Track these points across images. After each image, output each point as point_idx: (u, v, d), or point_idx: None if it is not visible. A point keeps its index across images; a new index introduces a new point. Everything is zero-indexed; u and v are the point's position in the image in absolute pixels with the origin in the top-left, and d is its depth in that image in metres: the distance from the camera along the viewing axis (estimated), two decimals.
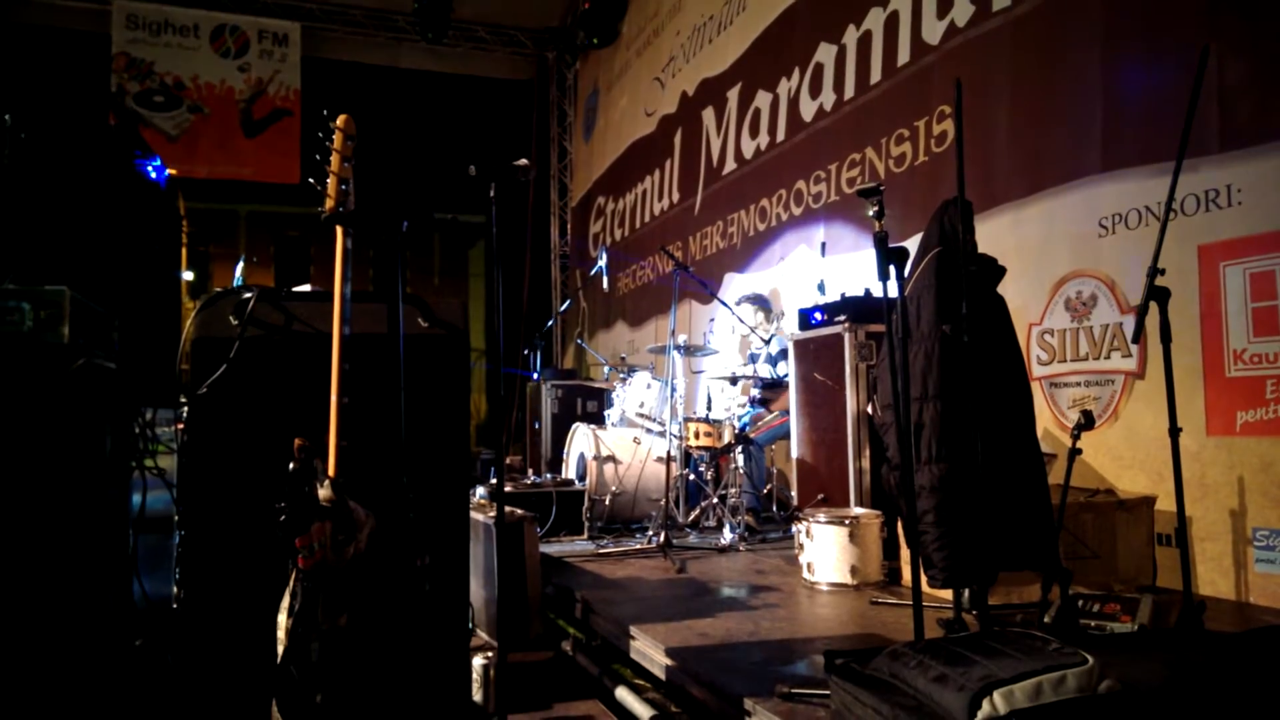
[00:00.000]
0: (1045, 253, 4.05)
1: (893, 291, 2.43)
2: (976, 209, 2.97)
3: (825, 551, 3.60)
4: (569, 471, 5.63)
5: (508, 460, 7.03)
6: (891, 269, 2.40)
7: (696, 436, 4.67)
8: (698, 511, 4.99)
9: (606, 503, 5.01)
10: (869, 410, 4.02)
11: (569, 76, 11.45)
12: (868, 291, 4.40)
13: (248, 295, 2.27)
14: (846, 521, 3.58)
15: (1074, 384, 3.89)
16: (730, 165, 7.02)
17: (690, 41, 7.86)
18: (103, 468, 2.30)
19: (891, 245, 2.41)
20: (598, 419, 6.23)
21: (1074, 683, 1.74)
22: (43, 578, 2.14)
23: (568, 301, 6.70)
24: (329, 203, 2.15)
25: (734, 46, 7.01)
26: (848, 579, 3.55)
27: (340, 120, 2.20)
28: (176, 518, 3.44)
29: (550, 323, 8.10)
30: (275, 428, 2.09)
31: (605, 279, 6.46)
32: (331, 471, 2.02)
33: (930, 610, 2.75)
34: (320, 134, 2.17)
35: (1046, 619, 2.65)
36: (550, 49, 11.24)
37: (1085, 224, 3.85)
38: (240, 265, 4.08)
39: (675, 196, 8.06)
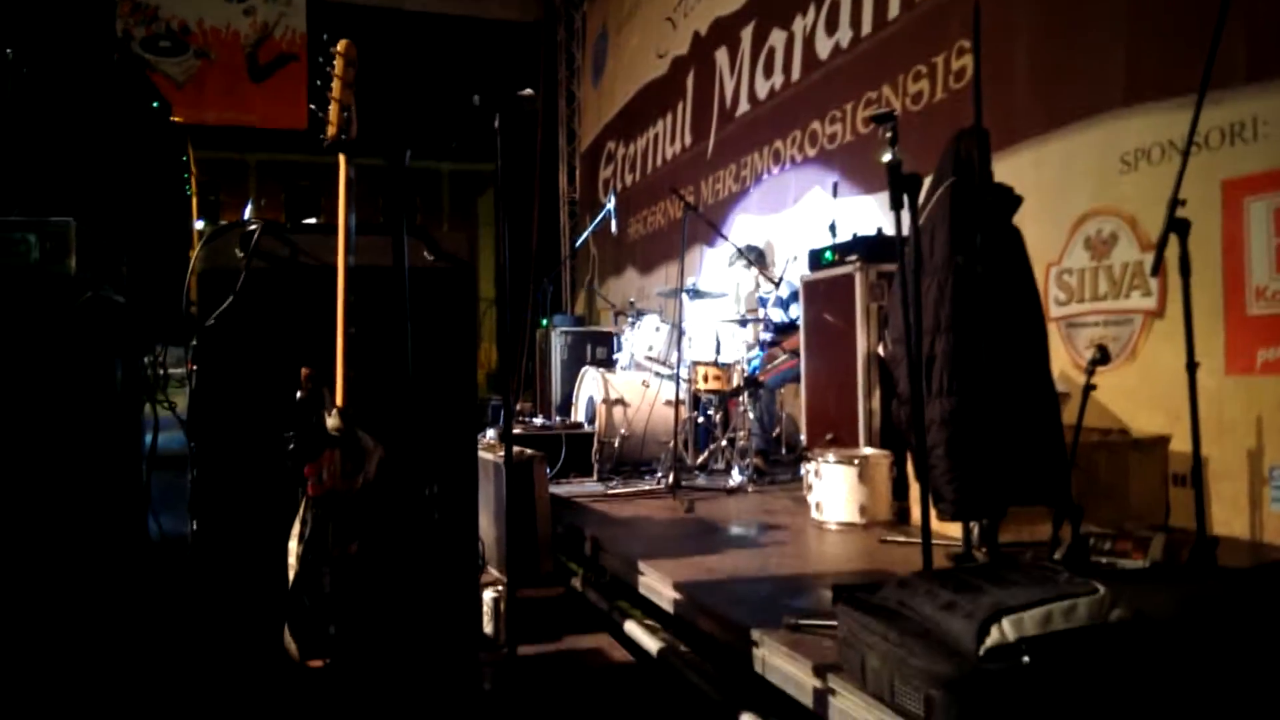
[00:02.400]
0: (1065, 190, 3.97)
1: (905, 222, 2.38)
2: (995, 147, 2.89)
3: (834, 491, 3.60)
4: (578, 415, 5.64)
5: (518, 406, 7.05)
6: (905, 199, 2.35)
7: (705, 380, 4.66)
8: (706, 454, 5.00)
9: (615, 445, 5.02)
10: (879, 350, 3.99)
11: (576, 18, 11.21)
12: (879, 231, 4.33)
13: (253, 227, 2.24)
14: (855, 461, 3.57)
15: (1092, 324, 3.84)
16: (744, 106, 6.89)
17: None
18: (113, 403, 2.30)
19: (904, 173, 2.36)
20: (607, 364, 6.22)
21: (1085, 611, 1.73)
22: (55, 515, 2.15)
23: (577, 243, 6.66)
24: (331, 130, 2.11)
25: None
26: (856, 518, 3.55)
27: (341, 45, 2.14)
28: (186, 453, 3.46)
29: (559, 268, 8.04)
30: (283, 360, 2.08)
31: (614, 224, 6.40)
32: (339, 401, 2.01)
33: (939, 547, 2.74)
34: (321, 59, 2.12)
35: (1057, 556, 2.64)
36: None
37: (1106, 160, 3.76)
38: (249, 208, 4.02)
39: (688, 140, 7.94)
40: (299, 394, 1.97)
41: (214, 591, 2.20)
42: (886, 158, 2.33)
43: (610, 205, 6.21)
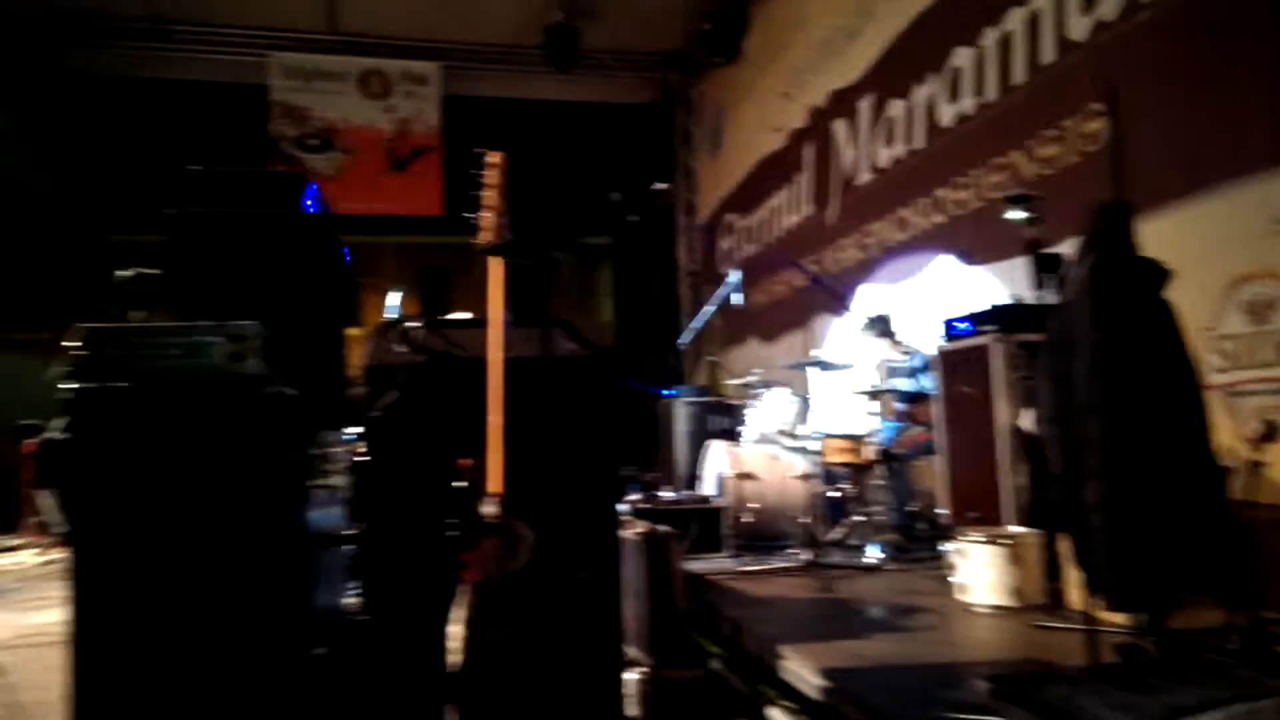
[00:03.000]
0: (1213, 255, 3.78)
1: (1048, 300, 2.34)
2: (1135, 210, 2.81)
3: (982, 572, 3.46)
4: (705, 489, 5.64)
5: (645, 478, 7.11)
6: (1047, 277, 2.31)
7: (836, 453, 4.60)
8: (841, 530, 4.90)
9: (746, 520, 4.98)
10: (1023, 424, 3.85)
11: (693, 97, 11.55)
12: (1017, 300, 4.23)
13: (413, 324, 2.41)
14: (1004, 541, 3.44)
15: (1257, 392, 3.60)
16: (865, 175, 6.90)
17: (817, 54, 7.79)
18: (290, 488, 2.49)
19: (1044, 251, 2.32)
20: (731, 435, 6.22)
21: (1271, 714, 1.62)
22: (240, 590, 2.32)
23: (701, 318, 6.74)
24: (485, 235, 2.26)
25: (864, 56, 6.91)
26: (1007, 601, 3.40)
27: (493, 156, 2.31)
28: (351, 532, 3.66)
29: (682, 340, 8.14)
30: (441, 447, 2.21)
31: (738, 296, 6.46)
32: (494, 489, 2.11)
33: (1102, 634, 2.60)
34: (473, 170, 2.29)
35: (1233, 645, 2.46)
36: (673, 71, 11.37)
37: (1257, 223, 3.57)
38: (396, 296, 4.30)
39: (808, 209, 7.99)
40: (457, 483, 2.09)
41: (376, 666, 2.32)
42: (1027, 235, 2.31)
43: (735, 278, 6.28)
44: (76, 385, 2.16)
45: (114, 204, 13.16)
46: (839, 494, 4.95)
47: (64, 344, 2.28)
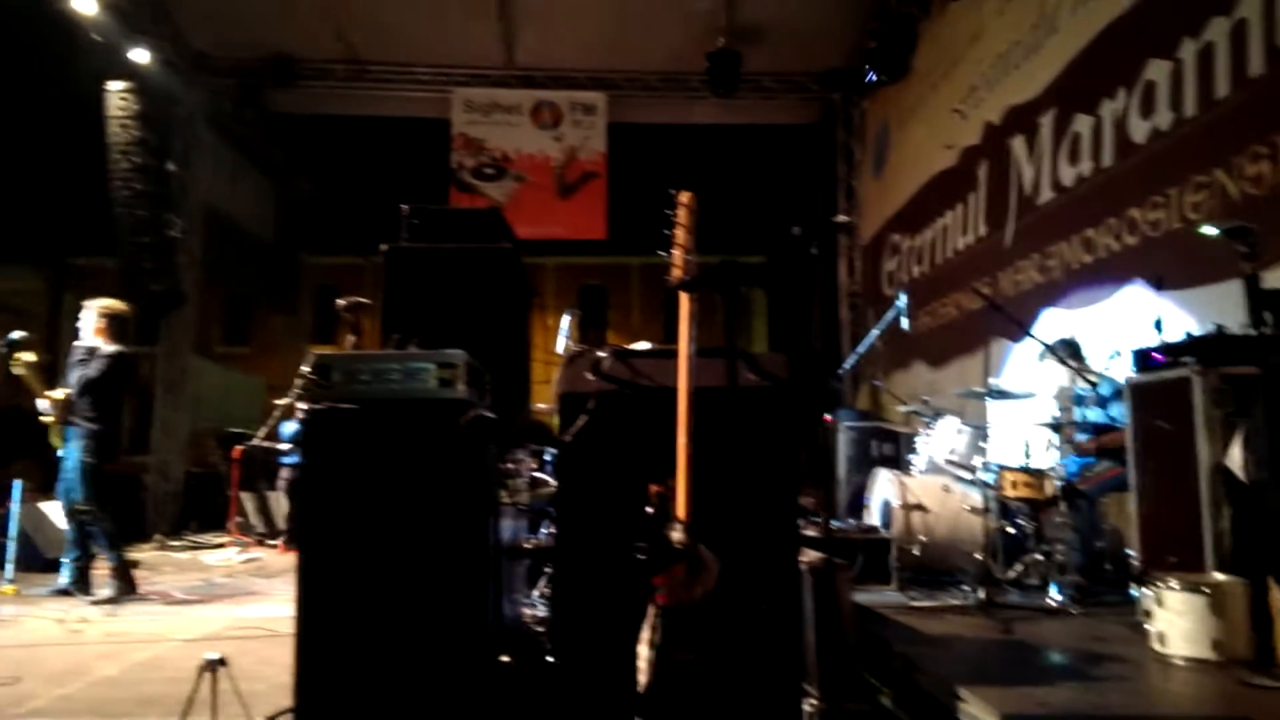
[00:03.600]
0: None
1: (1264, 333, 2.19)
2: None
3: (1180, 621, 3.23)
4: (871, 518, 5.54)
5: (805, 503, 7.05)
6: (1267, 316, 2.17)
7: (1014, 487, 4.41)
8: (1018, 568, 4.69)
9: (915, 553, 4.85)
10: (1230, 464, 3.57)
11: (855, 116, 11.39)
12: (1219, 329, 3.92)
13: (602, 355, 2.55)
14: (1206, 589, 3.20)
15: None
16: (1047, 194, 6.60)
17: (993, 70, 7.53)
18: (485, 503, 2.67)
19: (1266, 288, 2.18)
20: (894, 462, 6.06)
21: None
22: (439, 595, 2.51)
23: (865, 340, 6.62)
24: (676, 272, 2.35)
25: (1045, 71, 6.62)
26: (1209, 654, 3.16)
27: (684, 197, 2.41)
28: (538, 546, 3.86)
29: (846, 364, 8.02)
30: (627, 471, 2.32)
31: (905, 320, 6.32)
32: (681, 516, 2.19)
33: None
34: (667, 210, 2.39)
35: None
36: (835, 90, 11.26)
37: None
38: (568, 319, 4.52)
39: (981, 230, 7.71)
40: (648, 508, 2.18)
41: (565, 678, 2.44)
42: (1245, 268, 2.17)
43: (902, 301, 6.15)
44: (311, 406, 2.41)
45: (312, 229, 14.42)
46: (1017, 530, 4.74)
47: (301, 369, 2.55)
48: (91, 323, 5.62)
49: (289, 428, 8.67)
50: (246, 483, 8.96)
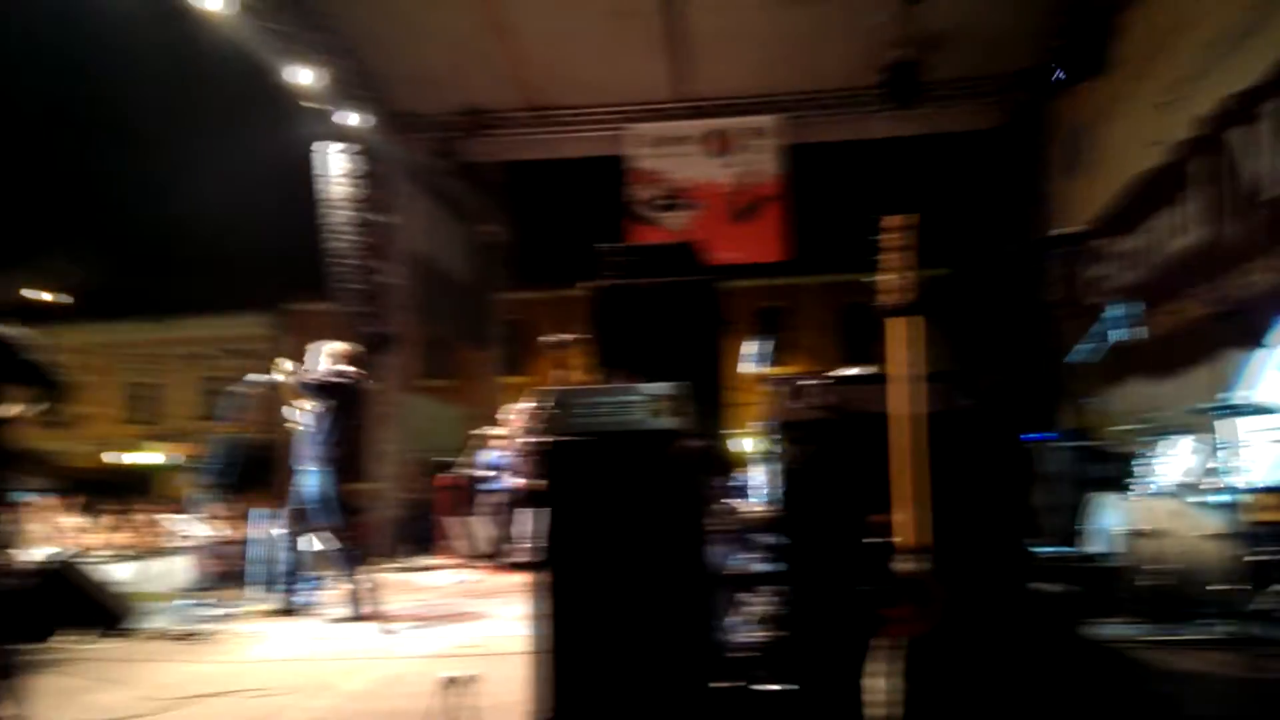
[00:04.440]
0: None
1: None
2: None
3: None
4: (1091, 544, 5.17)
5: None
6: None
7: (1267, 510, 4.00)
8: (1271, 599, 4.23)
9: (1145, 582, 4.49)
10: None
11: (1044, 117, 10.79)
12: None
13: (810, 382, 2.56)
14: None
15: None
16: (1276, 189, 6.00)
17: (1204, 58, 6.94)
18: (702, 531, 2.74)
19: None
20: (1115, 485, 5.62)
21: None
22: (661, 616, 2.59)
23: (1074, 354, 6.21)
24: (887, 297, 2.34)
25: (1267, 54, 6.04)
26: None
27: (892, 219, 2.40)
28: (739, 572, 3.89)
29: (1052, 379, 7.54)
30: (845, 498, 2.31)
31: (1121, 331, 5.88)
32: (905, 544, 2.16)
33: None
34: (873, 236, 2.39)
35: None
36: (1020, 92, 10.72)
37: None
38: (754, 343, 4.55)
39: (1199, 231, 7.09)
40: (871, 539, 2.17)
41: (788, 707, 2.45)
42: None
43: (1116, 311, 5.74)
44: (551, 438, 2.57)
45: (500, 268, 15.25)
46: (1268, 558, 4.28)
47: (536, 402, 2.72)
48: (322, 362, 6.20)
49: (487, 456, 9.17)
50: (452, 508, 9.54)
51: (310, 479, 5.96)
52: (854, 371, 2.74)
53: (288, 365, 6.09)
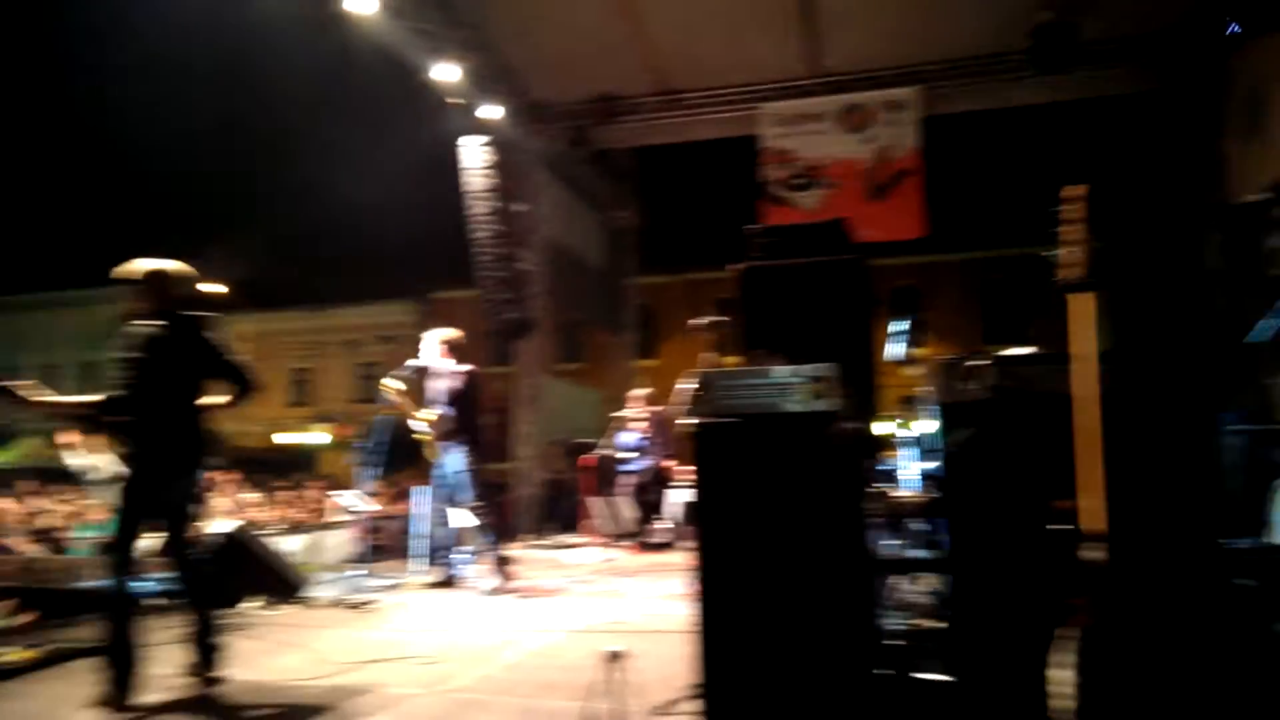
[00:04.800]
0: None
1: None
2: None
3: None
4: (1275, 536, 4.77)
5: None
6: None
7: None
8: None
9: None
10: None
11: (1215, 76, 9.93)
12: None
13: (979, 363, 2.47)
14: None
15: None
16: None
17: None
18: (861, 516, 2.69)
19: None
20: None
21: None
22: (819, 607, 2.57)
23: (1260, 332, 5.71)
24: (1067, 271, 2.22)
25: None
26: None
27: (1072, 189, 2.27)
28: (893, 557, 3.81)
29: (1238, 356, 6.99)
30: (1018, 483, 2.22)
31: None
32: (1095, 528, 2.05)
33: None
34: (1052, 208, 2.27)
35: None
36: (1186, 50, 9.90)
37: None
38: (902, 323, 4.42)
39: None
40: (1053, 525, 2.08)
41: (968, 695, 2.39)
42: None
43: None
44: (699, 420, 2.59)
45: (632, 253, 15.42)
46: None
47: (682, 384, 2.75)
48: (435, 349, 6.52)
49: (626, 438, 9.31)
50: (595, 488, 9.75)
51: (450, 459, 6.27)
52: (1024, 351, 2.62)
53: (401, 381, 6.48)
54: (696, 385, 2.65)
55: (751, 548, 2.52)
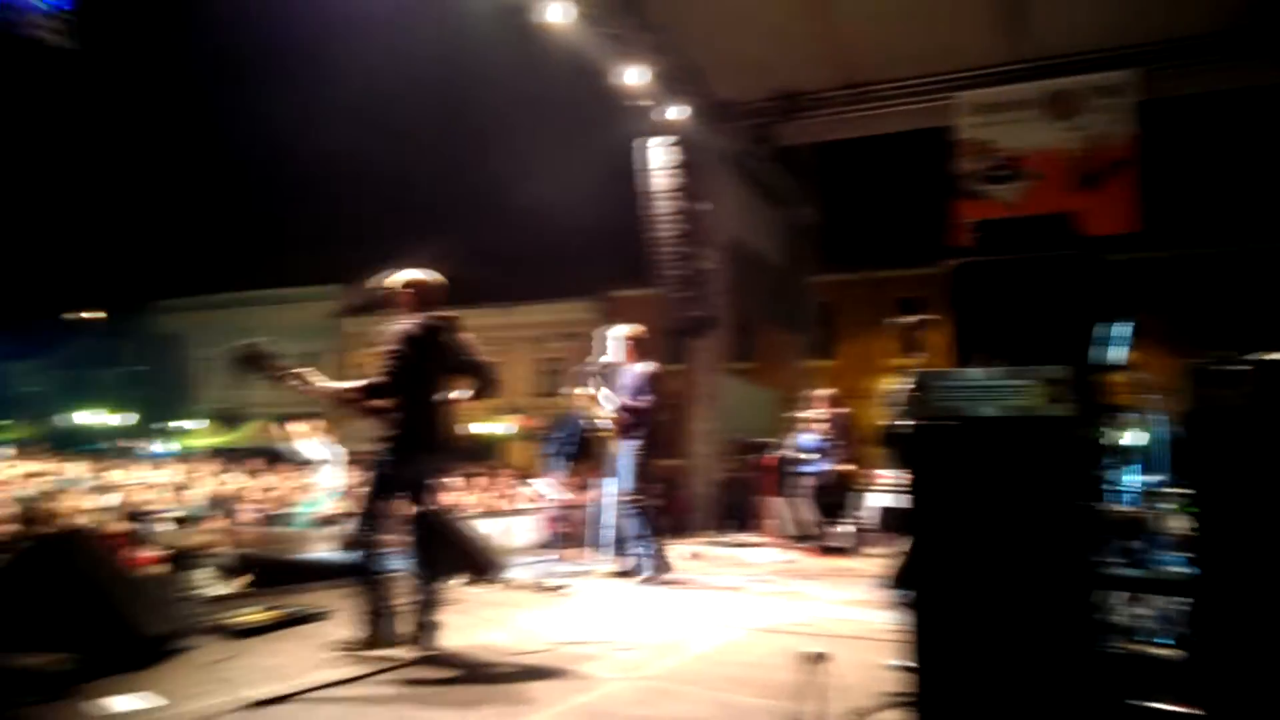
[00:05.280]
0: None
1: None
2: None
3: None
4: None
5: None
6: None
7: None
8: None
9: None
10: None
11: None
12: None
13: (1244, 367, 2.24)
14: None
15: None
16: None
17: None
18: (1093, 527, 2.51)
19: None
20: None
21: None
22: (1047, 620, 2.42)
23: None
24: None
25: None
26: None
27: None
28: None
29: None
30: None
31: None
32: None
33: None
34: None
35: None
36: None
37: None
38: (1129, 326, 4.06)
39: None
40: None
41: None
42: None
43: None
44: (913, 422, 2.51)
45: (813, 251, 15.17)
46: None
47: (892, 386, 2.67)
48: (620, 346, 6.65)
49: (806, 439, 9.17)
50: (775, 488, 9.67)
51: (625, 452, 6.41)
52: None
53: (588, 379, 6.69)
54: (910, 385, 2.56)
55: (970, 558, 2.41)
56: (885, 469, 6.67)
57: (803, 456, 9.23)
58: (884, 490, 5.76)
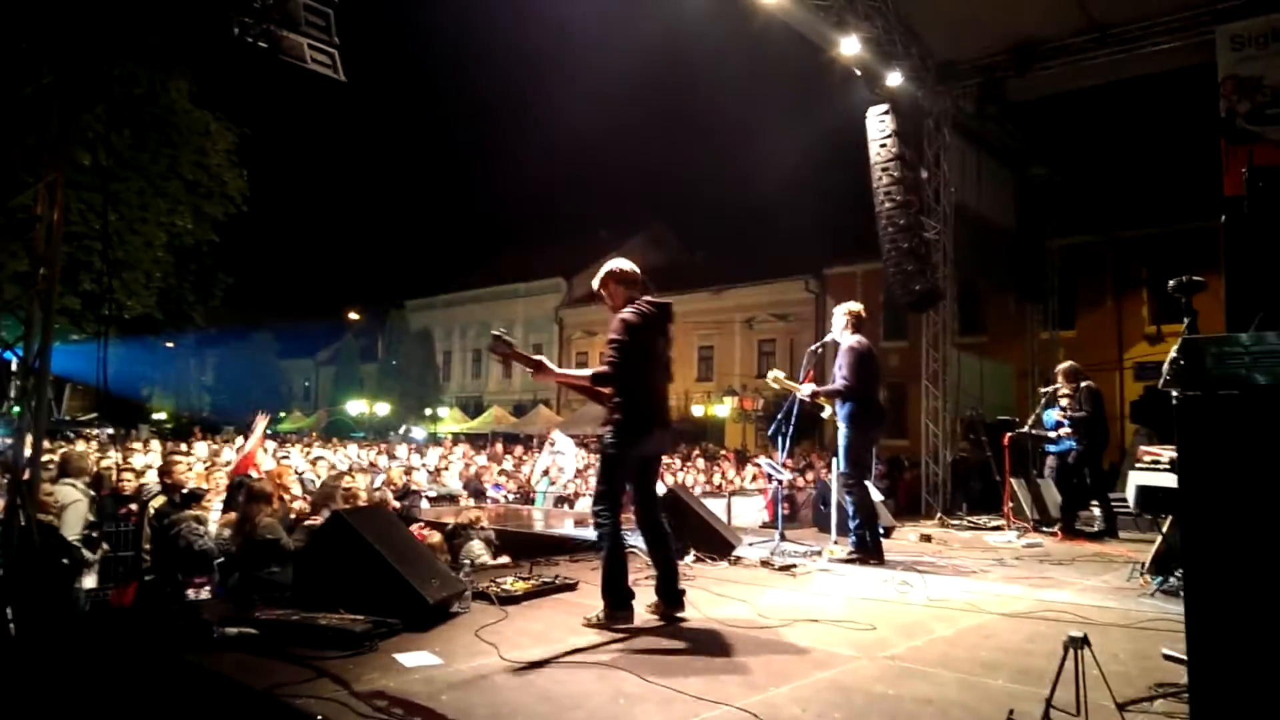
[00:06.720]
0: None
1: None
2: None
3: None
4: None
5: None
6: None
7: None
8: None
9: None
10: None
11: None
12: None
13: None
14: None
15: None
16: None
17: None
18: None
19: None
20: None
21: None
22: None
23: None
24: None
25: None
26: None
27: None
28: None
29: None
30: None
31: None
32: None
33: None
34: None
35: None
36: None
37: None
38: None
39: None
40: None
41: None
42: None
43: None
44: (1181, 393, 2.32)
45: (1049, 212, 14.10)
46: None
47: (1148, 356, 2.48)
48: (841, 321, 6.49)
49: (1051, 416, 8.58)
50: (1016, 469, 9.15)
51: (841, 434, 6.30)
52: None
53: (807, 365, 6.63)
54: (1177, 353, 2.37)
55: (1251, 542, 2.20)
56: (1142, 446, 6.11)
57: (1045, 434, 8.65)
58: (1140, 469, 5.28)
